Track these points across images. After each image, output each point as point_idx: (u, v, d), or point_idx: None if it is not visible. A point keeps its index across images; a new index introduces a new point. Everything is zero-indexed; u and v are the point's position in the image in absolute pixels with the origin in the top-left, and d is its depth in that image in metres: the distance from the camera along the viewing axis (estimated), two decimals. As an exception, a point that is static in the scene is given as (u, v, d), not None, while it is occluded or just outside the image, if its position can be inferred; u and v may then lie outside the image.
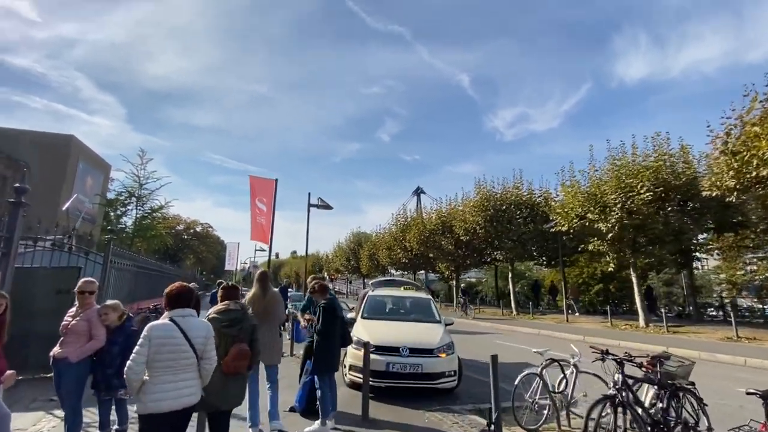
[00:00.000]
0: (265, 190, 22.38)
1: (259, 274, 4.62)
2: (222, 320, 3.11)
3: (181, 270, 25.26)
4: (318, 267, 62.03)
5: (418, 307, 7.32)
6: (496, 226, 19.09)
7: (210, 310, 3.34)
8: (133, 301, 9.92)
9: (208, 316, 3.18)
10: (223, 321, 3.10)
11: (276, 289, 4.98)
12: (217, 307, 3.31)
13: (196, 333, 2.50)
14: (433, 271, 33.42)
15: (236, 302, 3.36)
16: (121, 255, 8.95)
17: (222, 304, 3.33)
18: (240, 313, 3.25)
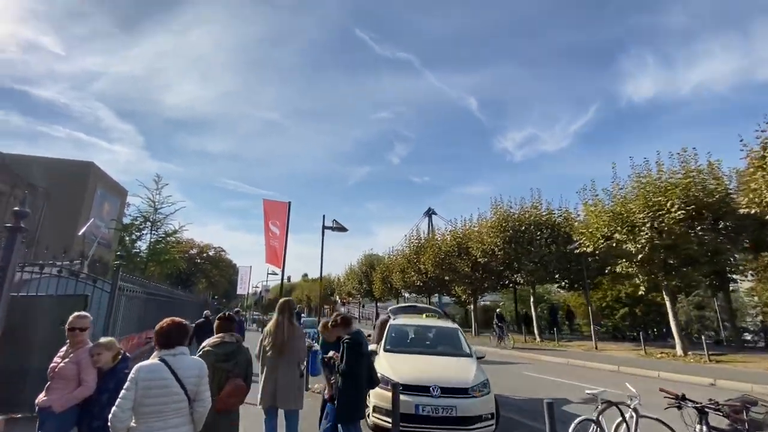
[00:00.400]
0: (278, 213, 22.21)
1: (281, 303, 4.06)
2: (216, 354, 2.96)
3: (194, 295, 24.94)
4: (329, 290, 61.19)
5: (446, 338, 6.68)
6: (516, 248, 18.37)
7: (204, 343, 3.17)
8: (142, 330, 9.50)
9: (202, 350, 3.05)
10: (217, 355, 2.95)
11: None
12: (212, 339, 3.15)
13: (188, 372, 2.31)
14: (448, 294, 32.44)
15: (231, 334, 3.23)
16: (131, 281, 8.61)
17: (216, 336, 3.17)
18: (235, 347, 3.11)
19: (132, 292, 8.74)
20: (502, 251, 18.72)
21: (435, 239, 26.18)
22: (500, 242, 18.67)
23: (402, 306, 9.77)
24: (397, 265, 31.69)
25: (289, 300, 4.10)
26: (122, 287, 7.77)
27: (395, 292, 34.80)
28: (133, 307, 9.19)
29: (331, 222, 13.09)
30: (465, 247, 22.55)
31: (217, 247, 64.27)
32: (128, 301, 8.68)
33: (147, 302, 10.53)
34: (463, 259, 22.56)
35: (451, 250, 23.13)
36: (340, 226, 13.12)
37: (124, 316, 8.35)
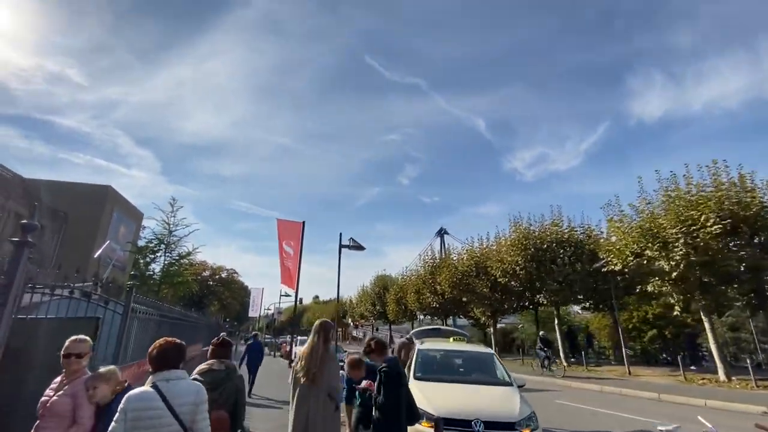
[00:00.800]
0: (292, 233, 21.95)
1: (318, 324, 3.58)
2: (202, 383, 2.72)
3: (206, 317, 24.55)
4: (341, 312, 60.25)
5: (481, 365, 6.09)
6: (538, 267, 17.64)
7: (194, 371, 3.03)
8: None
9: (193, 375, 2.93)
10: (203, 384, 2.68)
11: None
12: (200, 366, 3.01)
13: (182, 400, 2.09)
14: (465, 316, 31.43)
15: (221, 361, 3.07)
16: (144, 303, 8.30)
17: (206, 363, 3.03)
18: (224, 374, 2.96)
19: (145, 314, 8.42)
20: (523, 270, 18.00)
21: (450, 259, 25.51)
22: (521, 261, 17.97)
23: (425, 329, 9.17)
24: (412, 285, 30.94)
25: (326, 321, 3.65)
26: (135, 309, 7.45)
27: (410, 314, 33.89)
28: (146, 329, 8.85)
29: (347, 240, 12.72)
30: (483, 267, 21.85)
31: (229, 269, 64.26)
32: (141, 323, 8.35)
33: (160, 325, 10.19)
34: (482, 279, 21.82)
35: (469, 270, 22.43)
36: (357, 244, 12.73)
37: (136, 340, 8.00)
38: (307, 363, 3.26)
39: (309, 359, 3.28)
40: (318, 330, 3.49)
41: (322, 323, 3.59)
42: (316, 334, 3.45)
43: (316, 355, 3.29)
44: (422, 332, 8.59)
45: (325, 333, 3.48)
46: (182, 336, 11.99)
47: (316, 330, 3.50)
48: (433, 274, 28.07)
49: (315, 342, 3.39)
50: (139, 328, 8.25)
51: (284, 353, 28.50)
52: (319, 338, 3.42)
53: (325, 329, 3.51)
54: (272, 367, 20.68)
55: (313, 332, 3.52)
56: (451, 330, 9.01)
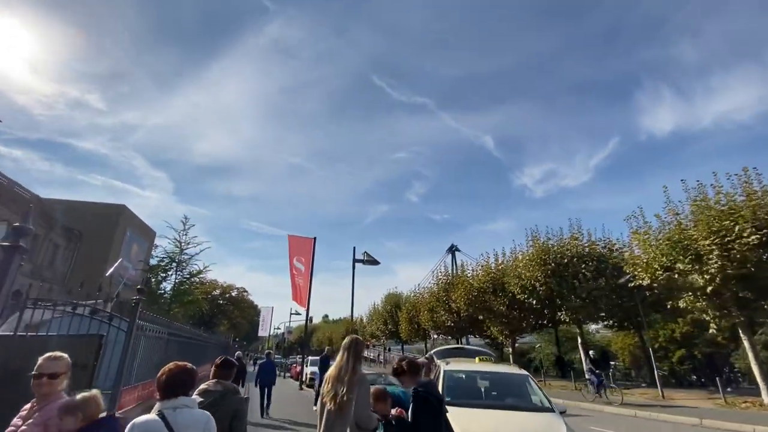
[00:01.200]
0: (303, 249, 21.59)
1: (348, 342, 3.10)
2: (201, 402, 2.59)
3: (216, 336, 24.05)
4: (352, 331, 59.22)
5: (516, 388, 5.50)
6: (560, 282, 16.88)
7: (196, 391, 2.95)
8: None
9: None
10: (202, 403, 2.58)
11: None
12: (200, 387, 2.89)
13: (189, 430, 2.01)
14: (480, 335, 30.35)
15: (219, 382, 2.97)
16: (152, 321, 7.92)
17: (204, 383, 2.95)
18: (218, 395, 2.84)
19: (153, 332, 8.04)
20: (544, 286, 17.24)
21: (465, 275, 24.78)
22: (541, 276, 17.24)
23: (447, 348, 8.55)
24: (425, 303, 30.12)
25: (357, 338, 3.15)
26: (142, 326, 7.07)
27: (423, 333, 32.90)
28: (155, 349, 8.44)
29: (361, 255, 12.26)
30: (500, 283, 21.10)
31: (239, 288, 64.05)
32: (149, 342, 7.96)
33: (168, 344, 9.78)
34: (499, 296, 21.04)
35: (485, 287, 21.68)
36: (372, 259, 12.27)
37: (143, 359, 7.59)
38: (333, 386, 2.78)
39: (336, 382, 2.80)
40: (348, 347, 3.00)
41: (352, 340, 3.09)
42: (346, 352, 2.96)
43: (345, 377, 2.80)
44: (444, 352, 8.00)
45: (356, 351, 2.99)
46: (192, 356, 11.54)
47: (346, 347, 3.01)
48: (447, 291, 27.29)
49: (344, 361, 2.91)
50: (147, 347, 7.85)
51: (294, 374, 27.70)
52: (348, 357, 2.93)
53: (356, 347, 3.02)
54: (282, 389, 19.97)
55: (342, 350, 3.03)
56: (476, 350, 8.38)
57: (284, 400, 15.41)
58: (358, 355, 2.99)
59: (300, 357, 45.32)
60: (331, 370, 2.94)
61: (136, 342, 6.93)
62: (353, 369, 2.85)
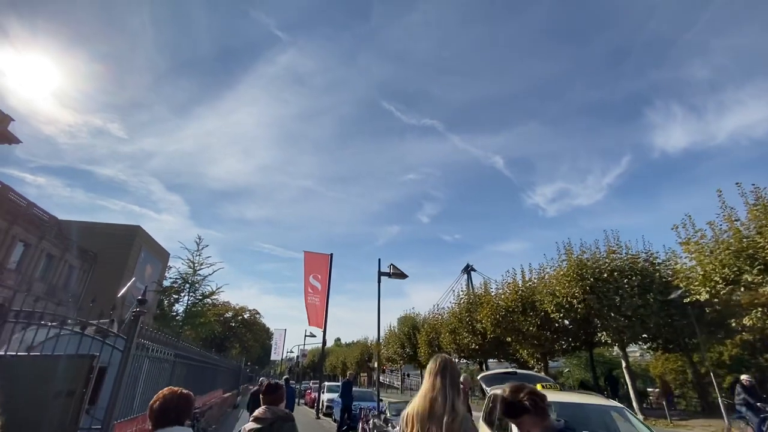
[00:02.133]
0: (319, 266, 20.56)
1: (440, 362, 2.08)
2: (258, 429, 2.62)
3: (228, 360, 22.90)
4: (366, 356, 56.99)
5: (609, 425, 4.26)
6: (600, 299, 15.39)
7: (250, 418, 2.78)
8: None
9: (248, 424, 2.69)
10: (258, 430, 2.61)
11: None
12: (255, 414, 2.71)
13: None
14: (505, 358, 28.42)
15: (269, 408, 2.74)
16: (156, 340, 6.94)
17: (257, 411, 2.75)
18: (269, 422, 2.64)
19: (157, 352, 7.06)
20: (582, 304, 15.75)
21: (489, 294, 23.30)
22: (579, 293, 15.79)
23: (497, 373, 7.31)
24: (446, 325, 28.50)
25: (448, 359, 2.10)
26: (144, 345, 6.09)
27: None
28: (160, 372, 7.45)
29: (387, 267, 11.16)
30: (530, 302, 19.61)
31: (252, 310, 63.03)
32: (152, 365, 6.97)
33: (176, 367, 8.76)
34: (529, 315, 19.51)
35: (513, 306, 20.18)
36: (399, 272, 11.15)
37: (147, 385, 6.60)
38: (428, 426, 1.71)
39: (430, 424, 1.73)
40: (439, 372, 1.95)
41: (443, 361, 2.02)
42: (438, 379, 1.90)
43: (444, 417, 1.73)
44: (496, 377, 6.77)
45: (452, 378, 1.92)
46: (202, 381, 10.29)
47: (437, 371, 1.95)
48: (470, 311, 25.74)
49: (437, 392, 1.84)
50: (151, 371, 6.85)
51: (309, 401, 26.13)
52: (443, 387, 1.86)
53: (452, 371, 1.96)
54: (297, 417, 18.54)
55: (431, 374, 1.97)
56: (532, 375, 7.13)
57: (301, 429, 14.06)
58: (456, 383, 1.92)
59: (313, 382, 43.48)
60: (417, 406, 1.87)
61: (138, 364, 5.96)
62: (453, 406, 1.77)
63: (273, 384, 3.02)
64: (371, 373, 61.37)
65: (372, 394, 15.62)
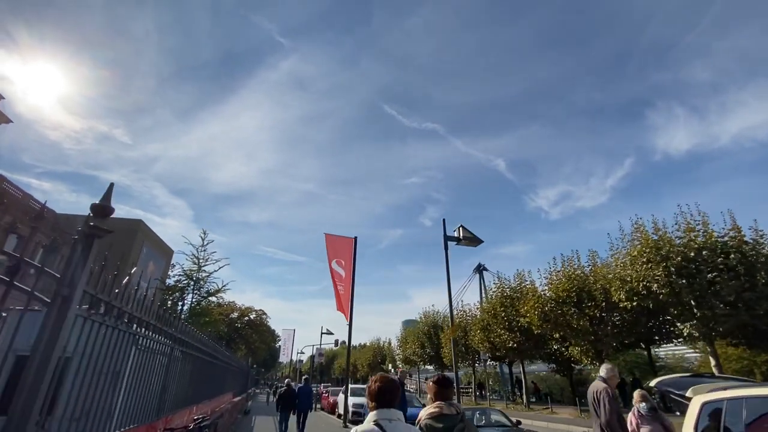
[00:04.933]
0: (342, 251, 17.91)
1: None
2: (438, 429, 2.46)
3: (237, 358, 20.35)
4: (380, 357, 54.20)
5: None
6: (692, 283, 12.71)
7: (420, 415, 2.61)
8: (161, 415, 5.11)
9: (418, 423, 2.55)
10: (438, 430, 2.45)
11: None
12: (429, 410, 2.57)
13: None
14: (545, 358, 25.71)
15: (450, 403, 2.59)
16: (148, 322, 4.35)
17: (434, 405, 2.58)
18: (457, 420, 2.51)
19: (151, 336, 4.53)
20: (666, 288, 13.07)
21: (534, 285, 20.63)
22: (662, 275, 13.11)
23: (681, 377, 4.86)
24: (477, 322, 25.85)
25: None
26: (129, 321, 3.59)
27: (472, 356, 28.39)
28: (153, 368, 4.93)
29: (456, 231, 8.54)
30: (589, 291, 16.95)
31: (258, 310, 60.54)
32: (144, 356, 4.46)
33: (178, 361, 6.22)
34: (588, 306, 16.85)
35: (564, 297, 17.52)
36: (471, 236, 8.53)
37: (132, 386, 4.09)
38: None
39: None
40: None
41: None
42: None
43: None
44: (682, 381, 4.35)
45: None
46: (211, 380, 6.80)
47: None
48: (506, 306, 23.08)
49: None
50: (143, 365, 4.34)
51: (328, 406, 23.45)
52: None
53: None
54: (322, 426, 15.87)
55: None
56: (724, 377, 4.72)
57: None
58: None
59: (324, 385, 40.70)
60: None
61: (120, 351, 3.42)
62: None
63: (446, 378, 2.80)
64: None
65: (416, 398, 12.98)
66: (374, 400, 2.04)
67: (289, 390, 12.06)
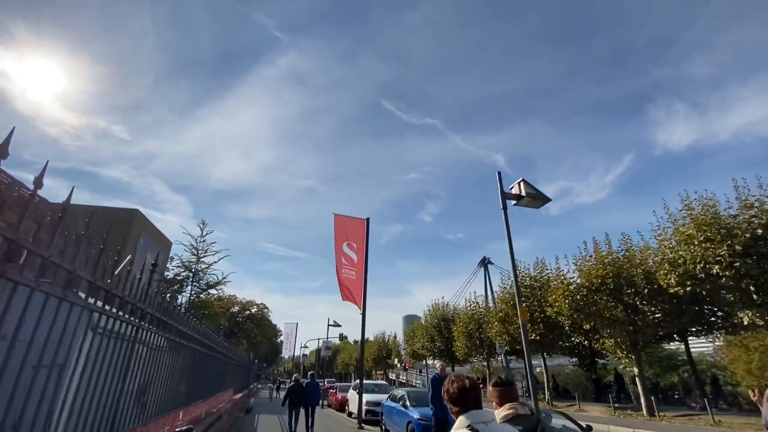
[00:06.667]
0: (354, 233, 16.12)
1: None
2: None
3: (237, 351, 18.78)
4: (385, 352, 52.70)
5: None
6: (759, 262, 11.06)
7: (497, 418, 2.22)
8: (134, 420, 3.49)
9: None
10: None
11: None
12: (503, 412, 2.24)
13: None
14: (562, 351, 24.11)
15: (524, 404, 2.29)
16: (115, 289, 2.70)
17: (507, 408, 2.25)
18: (534, 421, 2.20)
19: (122, 318, 2.86)
20: (730, 270, 11.41)
21: (562, 273, 18.95)
22: (725, 255, 11.45)
23: None
24: (494, 314, 24.24)
25: None
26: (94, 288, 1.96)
27: (488, 349, 26.82)
28: (123, 360, 3.28)
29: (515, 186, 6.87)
30: (627, 277, 15.30)
31: (260, 304, 59.04)
32: (109, 344, 2.86)
33: (160, 353, 4.57)
34: (627, 294, 15.20)
35: (599, 285, 15.85)
36: (534, 192, 6.85)
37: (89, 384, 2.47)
38: None
39: None
40: None
41: None
42: None
43: None
44: None
45: None
46: (206, 376, 5.12)
47: None
48: (526, 296, 21.46)
49: None
50: (107, 356, 2.67)
51: (336, 402, 21.91)
52: None
53: None
54: (327, 422, 14.23)
55: None
56: None
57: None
58: None
59: (328, 380, 39.12)
60: None
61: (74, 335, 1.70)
62: None
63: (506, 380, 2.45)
64: (387, 370, 57.12)
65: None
66: (458, 404, 1.83)
67: (297, 385, 11.82)
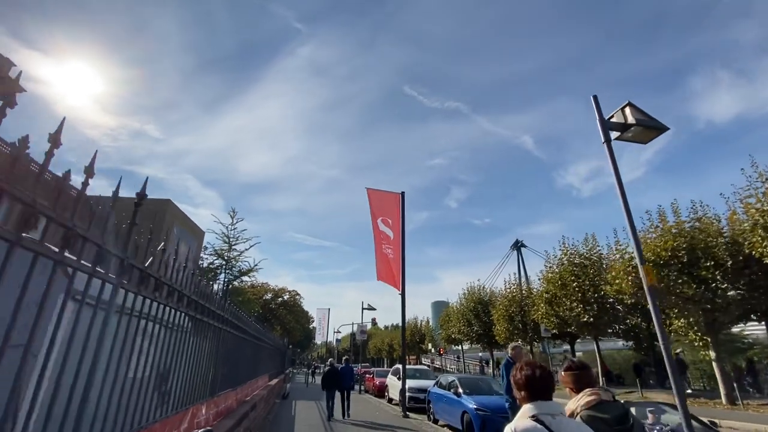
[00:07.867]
0: (389, 208, 14.70)
1: None
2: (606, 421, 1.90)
3: (272, 334, 18.20)
4: (418, 336, 51.95)
5: None
6: None
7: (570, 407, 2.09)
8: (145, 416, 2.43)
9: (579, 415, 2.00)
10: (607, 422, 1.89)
11: None
12: (584, 398, 2.05)
13: None
14: (616, 334, 22.25)
15: (606, 390, 2.15)
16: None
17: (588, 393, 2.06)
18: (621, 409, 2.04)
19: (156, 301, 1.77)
20: None
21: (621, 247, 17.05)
22: None
23: None
24: (538, 295, 22.62)
25: None
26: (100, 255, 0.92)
27: (533, 333, 25.28)
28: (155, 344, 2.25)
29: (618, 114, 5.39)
30: (705, 248, 13.34)
31: (292, 291, 59.58)
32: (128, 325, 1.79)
33: (183, 335, 3.59)
34: (704, 267, 13.27)
35: (668, 258, 13.96)
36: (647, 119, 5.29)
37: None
38: None
39: None
40: None
41: None
42: None
43: None
44: None
45: None
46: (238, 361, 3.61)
47: None
48: (577, 275, 19.71)
49: None
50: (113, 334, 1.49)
51: (374, 387, 21.15)
52: None
53: None
54: (365, 410, 13.28)
55: None
56: None
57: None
58: None
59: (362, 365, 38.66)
60: None
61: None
62: None
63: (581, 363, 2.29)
64: (420, 356, 56.44)
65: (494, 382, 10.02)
66: (526, 391, 1.73)
67: (332, 369, 12.28)
